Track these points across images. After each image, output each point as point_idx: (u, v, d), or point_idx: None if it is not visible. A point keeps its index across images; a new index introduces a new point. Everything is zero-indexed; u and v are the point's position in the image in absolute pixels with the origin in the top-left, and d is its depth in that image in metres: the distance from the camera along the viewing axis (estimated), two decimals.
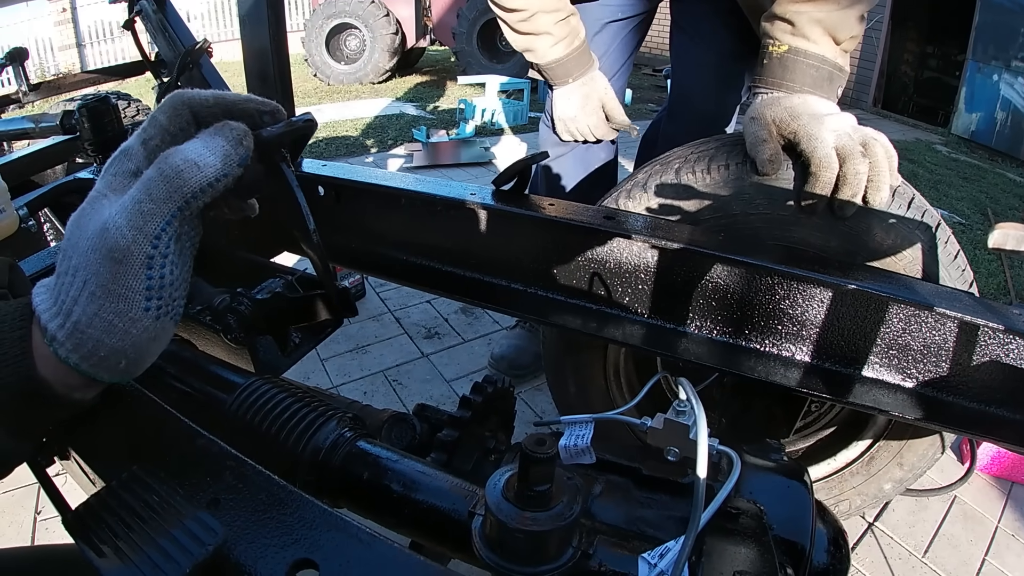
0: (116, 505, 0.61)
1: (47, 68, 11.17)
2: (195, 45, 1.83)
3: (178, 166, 0.60)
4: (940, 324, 1.13)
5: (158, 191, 0.59)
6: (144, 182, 0.60)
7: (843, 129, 1.25)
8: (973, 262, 3.64)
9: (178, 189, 0.60)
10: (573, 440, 0.88)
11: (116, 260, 0.57)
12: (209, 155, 0.62)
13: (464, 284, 1.45)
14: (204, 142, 0.63)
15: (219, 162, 0.62)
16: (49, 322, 0.58)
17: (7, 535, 1.89)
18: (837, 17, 1.32)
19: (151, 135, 0.66)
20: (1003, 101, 7.35)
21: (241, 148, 0.64)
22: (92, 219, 0.60)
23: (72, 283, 0.58)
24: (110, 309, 0.57)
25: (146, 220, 0.58)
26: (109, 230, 0.58)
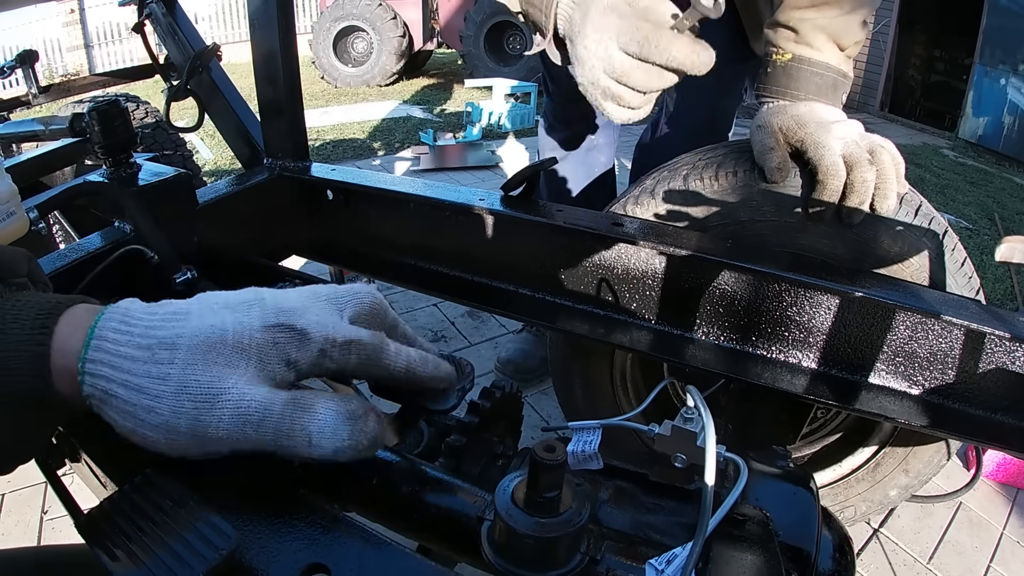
0: (129, 509, 0.61)
1: (55, 69, 11.20)
2: (205, 48, 1.83)
3: (295, 433, 0.57)
4: (947, 332, 1.14)
5: (266, 432, 0.57)
6: (265, 413, 0.57)
7: (850, 136, 1.25)
8: (980, 268, 3.64)
9: (280, 445, 0.58)
10: (581, 446, 0.88)
11: (194, 433, 0.56)
12: (330, 440, 0.58)
13: (471, 288, 1.45)
14: (336, 419, 0.59)
15: (330, 453, 0.59)
16: (99, 367, 0.56)
17: (14, 534, 1.90)
18: (841, 23, 1.30)
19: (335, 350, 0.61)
20: (1010, 105, 7.34)
21: (360, 452, 0.61)
22: (217, 366, 0.57)
23: (150, 379, 0.56)
24: (150, 432, 0.56)
25: (237, 442, 0.57)
26: (215, 412, 0.56)
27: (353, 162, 5.78)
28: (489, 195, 1.42)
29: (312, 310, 0.62)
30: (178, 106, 1.83)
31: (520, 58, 9.52)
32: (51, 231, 2.29)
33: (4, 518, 1.95)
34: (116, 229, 1.29)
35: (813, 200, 1.24)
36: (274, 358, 0.59)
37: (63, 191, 1.26)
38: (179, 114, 1.79)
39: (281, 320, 0.60)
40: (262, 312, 0.60)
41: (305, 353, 0.60)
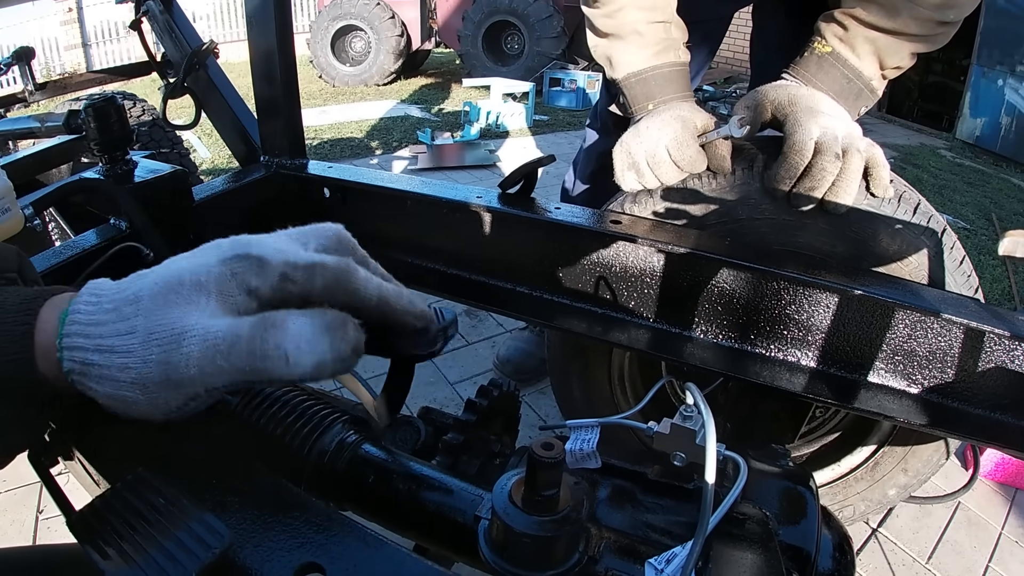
0: (121, 507, 0.60)
1: (53, 67, 11.19)
2: (202, 46, 1.82)
3: (268, 351, 0.55)
4: (946, 330, 1.13)
5: (239, 360, 0.55)
6: (234, 337, 0.55)
7: (832, 129, 1.24)
8: (978, 267, 3.64)
9: (256, 371, 0.55)
10: (579, 444, 0.88)
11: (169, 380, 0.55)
12: (308, 354, 0.55)
13: (469, 287, 1.45)
14: (313, 331, 0.56)
15: (310, 369, 0.56)
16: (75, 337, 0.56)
17: (9, 533, 1.89)
18: (893, 45, 1.31)
19: (291, 271, 0.59)
20: (1008, 106, 7.34)
21: (341, 364, 0.57)
22: (179, 307, 0.56)
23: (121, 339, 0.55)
24: (130, 395, 0.55)
25: (213, 374, 0.55)
26: (182, 348, 0.55)
27: (351, 161, 5.77)
28: (487, 193, 1.41)
29: (269, 241, 0.61)
30: (175, 104, 1.82)
31: (518, 58, 9.52)
32: (47, 228, 2.28)
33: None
34: (112, 226, 1.28)
35: (770, 173, 1.26)
36: (234, 288, 0.57)
37: (59, 188, 1.25)
38: (176, 112, 1.78)
39: (237, 251, 0.58)
40: (218, 250, 0.59)
41: (265, 280, 0.58)
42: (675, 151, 1.34)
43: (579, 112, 8.22)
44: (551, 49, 9.15)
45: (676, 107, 1.41)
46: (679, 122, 1.36)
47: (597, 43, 1.55)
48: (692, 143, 1.34)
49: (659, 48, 1.47)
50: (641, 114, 1.48)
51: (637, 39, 1.47)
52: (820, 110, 1.28)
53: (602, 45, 1.53)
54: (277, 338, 0.55)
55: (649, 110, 1.46)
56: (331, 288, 0.60)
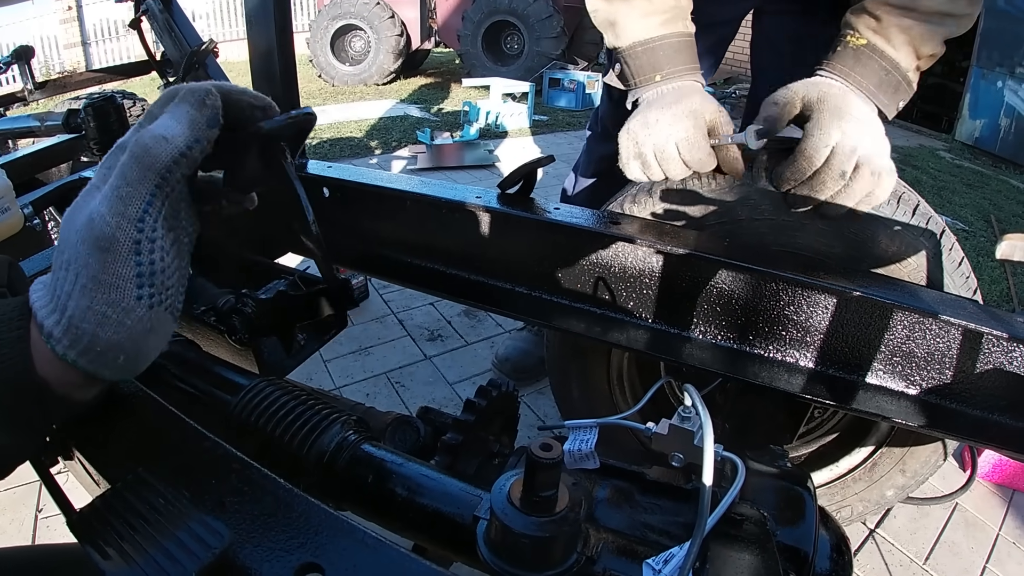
0: (121, 507, 0.61)
1: (52, 66, 11.19)
2: (201, 45, 1.83)
3: (146, 143, 0.60)
4: (944, 332, 1.13)
5: (132, 173, 0.59)
6: (119, 167, 0.60)
7: (851, 139, 1.20)
8: (976, 269, 3.64)
9: (150, 166, 0.59)
10: (577, 445, 0.88)
11: (103, 249, 0.57)
12: (176, 125, 0.61)
13: (468, 287, 1.45)
14: (170, 114, 0.63)
15: (186, 129, 0.61)
16: (46, 319, 0.57)
17: (8, 532, 1.89)
18: (925, 31, 1.26)
19: (143, 125, 0.65)
20: (1007, 108, 7.34)
21: (206, 108, 0.63)
22: (82, 211, 0.60)
23: (65, 278, 0.58)
24: (102, 300, 0.57)
25: (126, 204, 0.58)
26: (94, 220, 0.58)
27: (350, 160, 5.77)
28: (486, 193, 1.41)
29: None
30: None
31: (517, 58, 9.52)
32: (46, 227, 2.28)
33: None
34: None
35: (777, 171, 1.23)
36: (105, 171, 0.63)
37: (58, 187, 1.26)
38: None
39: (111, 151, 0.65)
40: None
41: None
42: (685, 150, 1.30)
43: (578, 112, 8.23)
44: (551, 49, 9.16)
45: (687, 95, 1.35)
46: (691, 119, 1.31)
47: (598, 7, 1.44)
48: (704, 144, 1.30)
49: (668, 16, 1.40)
50: (646, 86, 1.42)
51: (644, 4, 1.39)
52: (848, 113, 1.23)
53: (604, 9, 1.44)
54: (147, 134, 0.61)
55: (656, 81, 1.40)
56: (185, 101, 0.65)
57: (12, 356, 0.57)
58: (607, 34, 1.46)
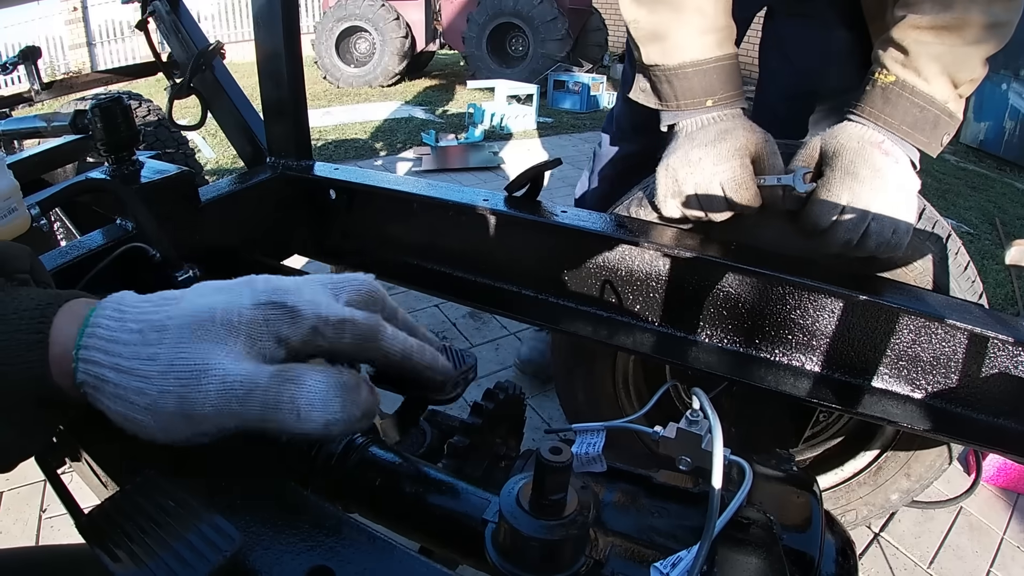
0: (131, 509, 0.61)
1: (58, 67, 11.22)
2: (208, 47, 1.83)
3: (282, 403, 0.56)
4: (950, 336, 1.13)
5: (251, 405, 0.55)
6: (254, 382, 0.55)
7: (860, 207, 1.16)
8: (981, 272, 3.63)
9: (265, 419, 0.56)
10: (584, 448, 0.88)
11: (185, 415, 0.55)
12: (319, 411, 0.56)
13: (474, 289, 1.45)
14: (327, 389, 0.57)
15: (319, 427, 0.57)
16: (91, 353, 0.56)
17: (12, 532, 1.90)
18: (960, 55, 1.18)
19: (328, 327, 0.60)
20: (1012, 110, 7.32)
21: (356, 425, 0.59)
22: (204, 343, 0.56)
23: (139, 360, 0.55)
24: (139, 416, 0.56)
25: (226, 415, 0.55)
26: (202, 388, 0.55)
27: (355, 162, 5.78)
28: (493, 195, 1.41)
29: (305, 290, 0.61)
30: (180, 104, 1.82)
31: (522, 59, 9.53)
32: (53, 228, 2.29)
33: (3, 516, 1.95)
34: (118, 227, 1.28)
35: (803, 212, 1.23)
36: (264, 335, 0.58)
37: (65, 188, 1.26)
38: (181, 112, 1.79)
39: (273, 299, 0.59)
40: (253, 292, 0.59)
41: (296, 330, 0.59)
42: (732, 192, 1.24)
43: (583, 115, 8.23)
44: (555, 51, 9.17)
45: (731, 129, 1.27)
46: (738, 159, 1.24)
47: (640, 17, 1.31)
48: (751, 184, 1.24)
49: (723, 35, 1.30)
50: (692, 111, 1.31)
51: (698, 19, 1.27)
52: (861, 171, 1.17)
53: (648, 21, 1.30)
54: (292, 392, 0.56)
55: (707, 107, 1.30)
56: (358, 345, 0.62)
57: (28, 360, 0.56)
58: (648, 48, 1.33)
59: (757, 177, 1.25)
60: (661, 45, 1.30)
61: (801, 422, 1.56)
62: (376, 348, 0.63)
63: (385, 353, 0.64)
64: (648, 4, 1.28)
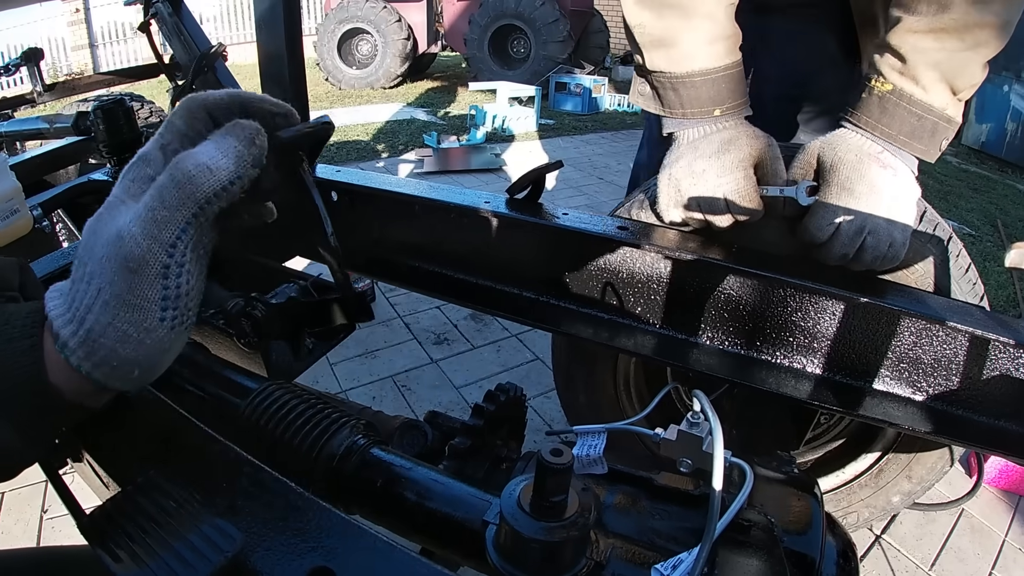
0: (133, 510, 0.61)
1: (60, 68, 11.23)
2: (210, 48, 1.83)
3: (190, 171, 0.59)
4: (951, 338, 1.13)
5: (171, 198, 0.58)
6: (157, 188, 0.59)
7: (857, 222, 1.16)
8: (983, 274, 3.63)
9: (191, 195, 0.58)
10: (585, 450, 0.88)
11: (131, 270, 0.56)
12: (221, 157, 0.60)
13: (475, 291, 1.45)
14: (216, 144, 0.62)
15: (232, 164, 0.60)
16: (62, 328, 0.57)
17: (14, 533, 1.90)
18: (959, 60, 1.15)
19: (168, 140, 0.64)
20: (1013, 112, 7.33)
21: (255, 148, 0.63)
22: (108, 225, 0.59)
23: (87, 291, 0.57)
24: (124, 319, 0.56)
25: (160, 228, 0.57)
26: (124, 238, 0.57)
27: (357, 164, 5.78)
28: (494, 198, 1.41)
29: None
30: None
31: (524, 61, 9.53)
32: (54, 229, 2.29)
33: (3, 517, 1.95)
34: None
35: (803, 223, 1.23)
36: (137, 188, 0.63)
37: (67, 189, 1.26)
38: None
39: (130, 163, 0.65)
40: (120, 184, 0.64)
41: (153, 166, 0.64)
42: (735, 203, 1.23)
43: (585, 116, 8.24)
44: (557, 53, 9.18)
45: (735, 139, 1.25)
46: (742, 170, 1.23)
47: (645, 22, 1.26)
48: (755, 196, 1.23)
49: (731, 43, 1.27)
50: (700, 119, 1.29)
51: (708, 25, 1.24)
52: (858, 185, 1.17)
53: (654, 26, 1.26)
54: (191, 161, 0.60)
55: (715, 116, 1.27)
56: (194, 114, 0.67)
57: (25, 364, 0.57)
58: (652, 54, 1.29)
59: (760, 187, 1.25)
60: (667, 52, 1.27)
61: (802, 424, 1.56)
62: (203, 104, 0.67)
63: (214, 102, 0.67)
64: (654, 8, 1.24)
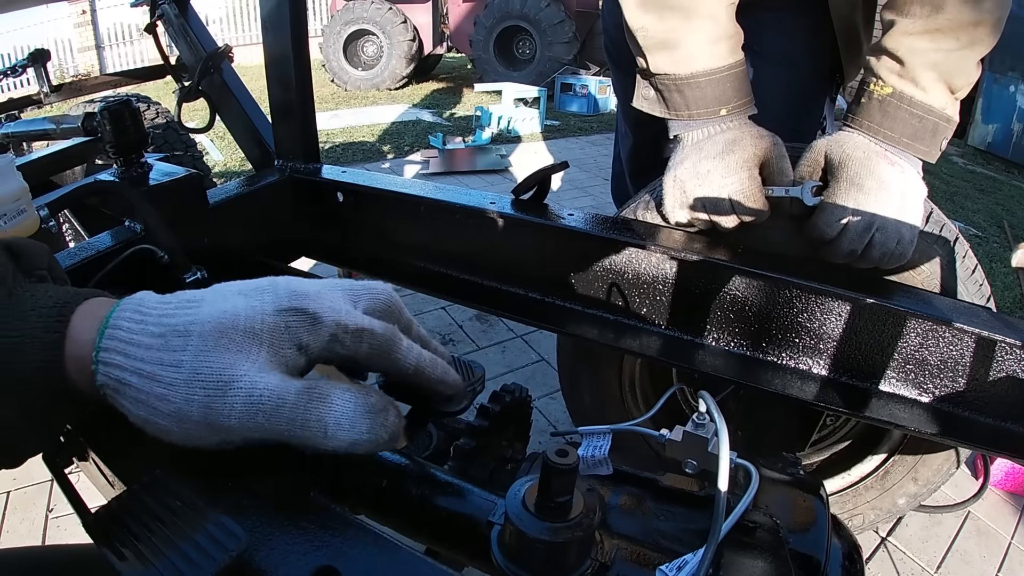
0: (138, 509, 0.61)
1: (66, 69, 11.27)
2: (217, 50, 1.83)
3: (309, 423, 0.56)
4: (958, 339, 1.13)
5: (278, 420, 0.56)
6: (281, 398, 0.56)
7: (866, 217, 1.16)
8: (989, 275, 3.62)
9: (290, 435, 0.56)
10: (591, 451, 0.88)
11: (203, 421, 0.55)
12: (346, 432, 0.57)
13: (481, 292, 1.45)
14: (358, 410, 0.58)
15: (345, 445, 0.57)
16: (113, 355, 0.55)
17: (19, 532, 1.91)
18: (956, 60, 1.16)
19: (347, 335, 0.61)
20: (1020, 112, 7.32)
21: (380, 446, 0.60)
22: (228, 352, 0.56)
23: (163, 366, 0.55)
24: (163, 419, 0.55)
25: (252, 428, 0.56)
26: (230, 389, 0.55)
27: (362, 165, 5.79)
28: (500, 198, 1.42)
29: (325, 296, 0.61)
30: (189, 107, 1.83)
31: (529, 63, 9.54)
32: (61, 230, 2.30)
33: (10, 516, 1.96)
34: (126, 228, 1.29)
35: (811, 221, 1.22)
36: (286, 342, 0.58)
37: (74, 190, 1.26)
38: (190, 115, 1.80)
39: (294, 304, 0.59)
40: (275, 297, 0.60)
41: (317, 338, 0.59)
42: (740, 204, 1.23)
43: (590, 117, 8.24)
44: (563, 54, 9.18)
45: (739, 139, 1.25)
46: (746, 170, 1.23)
47: (648, 24, 1.26)
48: (760, 196, 1.23)
49: (733, 41, 1.28)
50: (706, 120, 1.29)
51: (710, 26, 1.24)
52: (867, 182, 1.17)
53: (657, 28, 1.26)
54: (320, 411, 0.57)
55: (721, 115, 1.27)
56: (374, 355, 0.62)
57: (44, 359, 0.55)
58: (656, 57, 1.28)
59: (765, 188, 1.25)
60: (671, 54, 1.26)
61: (808, 426, 1.56)
62: (390, 359, 0.64)
63: (399, 366, 0.65)
64: (656, 11, 1.24)
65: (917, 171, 1.22)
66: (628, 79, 1.50)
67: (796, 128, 1.62)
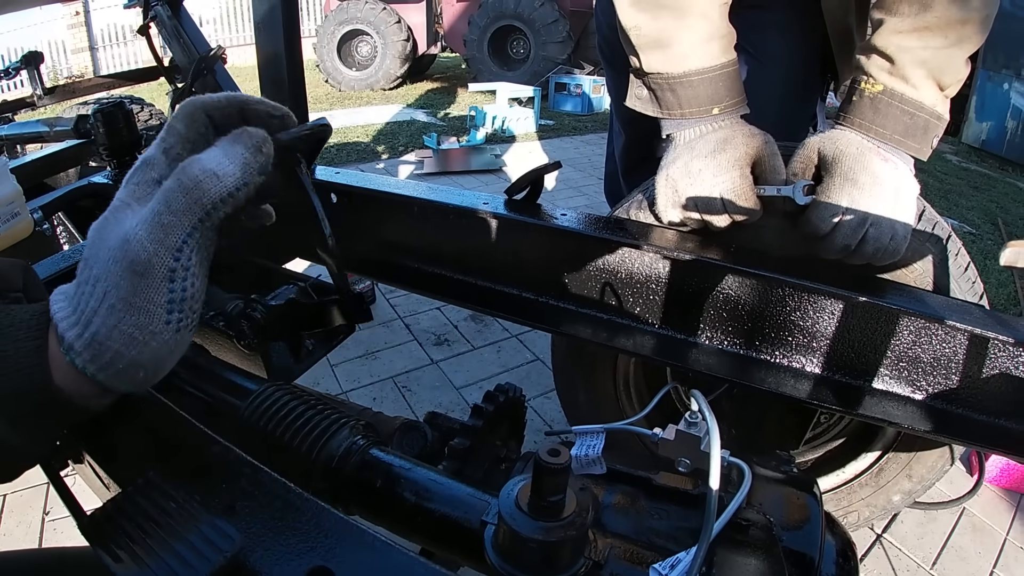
0: (133, 511, 0.61)
1: (60, 71, 11.24)
2: (210, 51, 1.83)
3: (197, 176, 0.59)
4: (951, 337, 1.13)
5: (178, 203, 0.58)
6: (164, 193, 0.59)
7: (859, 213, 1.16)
8: (983, 272, 3.62)
9: (197, 200, 0.59)
10: (584, 450, 0.88)
11: (137, 273, 0.57)
12: (228, 164, 0.60)
13: (475, 292, 1.45)
14: (223, 150, 0.62)
15: (239, 171, 0.61)
16: (67, 331, 0.57)
17: (15, 535, 1.90)
18: (945, 57, 1.17)
19: (171, 144, 0.64)
20: (1013, 110, 7.33)
21: (261, 155, 0.63)
22: (114, 229, 0.59)
23: (92, 293, 0.57)
24: (130, 322, 0.57)
25: (167, 233, 0.58)
26: (130, 242, 0.57)
27: (357, 166, 5.78)
28: (493, 199, 1.42)
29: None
30: None
31: (523, 62, 9.54)
32: (55, 232, 2.29)
33: (6, 519, 1.95)
34: None
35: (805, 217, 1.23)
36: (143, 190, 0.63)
37: (67, 192, 1.26)
38: None
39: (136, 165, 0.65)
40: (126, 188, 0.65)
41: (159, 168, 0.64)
42: (732, 203, 1.24)
43: (584, 117, 8.24)
44: (557, 54, 9.18)
45: (731, 137, 1.26)
46: (738, 169, 1.23)
47: (641, 23, 1.27)
48: (751, 195, 1.24)
49: (726, 40, 1.29)
50: (699, 119, 1.30)
51: (703, 24, 1.25)
52: (861, 178, 1.18)
53: (650, 27, 1.26)
54: (198, 167, 0.60)
55: (714, 114, 1.28)
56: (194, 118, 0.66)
57: (30, 366, 0.57)
58: (649, 56, 1.29)
59: (757, 187, 1.25)
60: (664, 53, 1.27)
61: (802, 424, 1.56)
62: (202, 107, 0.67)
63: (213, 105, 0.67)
64: (649, 10, 1.25)
65: (909, 168, 1.23)
66: (622, 78, 1.50)
67: (788, 127, 1.64)
